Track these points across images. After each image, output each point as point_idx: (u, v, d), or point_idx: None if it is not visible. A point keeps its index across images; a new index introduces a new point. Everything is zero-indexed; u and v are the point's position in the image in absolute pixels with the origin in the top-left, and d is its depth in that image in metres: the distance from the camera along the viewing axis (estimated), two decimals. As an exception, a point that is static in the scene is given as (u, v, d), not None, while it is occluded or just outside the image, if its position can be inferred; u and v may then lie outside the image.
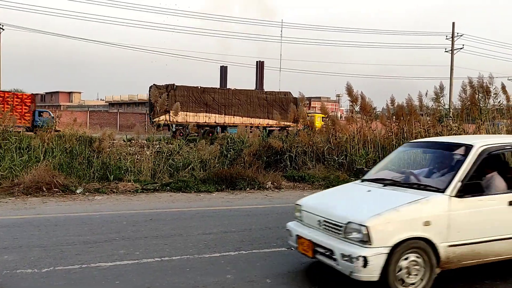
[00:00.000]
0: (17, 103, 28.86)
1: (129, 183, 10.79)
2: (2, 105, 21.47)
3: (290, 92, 34.65)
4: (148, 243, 6.05)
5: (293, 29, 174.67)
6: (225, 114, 32.87)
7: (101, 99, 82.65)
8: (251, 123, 30.53)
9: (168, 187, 10.84)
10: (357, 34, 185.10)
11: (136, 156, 13.71)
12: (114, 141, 15.73)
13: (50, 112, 32.37)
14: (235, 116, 33.05)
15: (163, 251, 5.68)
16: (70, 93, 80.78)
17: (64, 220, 7.49)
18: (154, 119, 27.50)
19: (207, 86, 33.40)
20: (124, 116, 46.89)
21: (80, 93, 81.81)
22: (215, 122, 32.68)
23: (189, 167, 12.38)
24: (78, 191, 10.01)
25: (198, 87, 32.29)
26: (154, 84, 30.90)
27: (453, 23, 41.90)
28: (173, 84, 31.62)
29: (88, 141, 12.56)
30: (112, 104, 68.87)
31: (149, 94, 32.06)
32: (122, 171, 11.63)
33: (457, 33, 42.09)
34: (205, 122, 32.27)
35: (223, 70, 68.35)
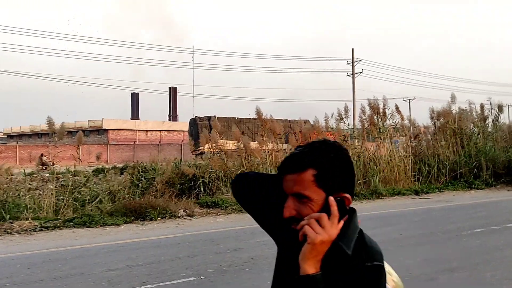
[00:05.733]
0: None
1: (27, 222, 9.90)
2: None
3: (309, 120, 36.77)
4: (44, 287, 5.53)
5: (205, 55, 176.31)
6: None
7: (-2, 132, 75.94)
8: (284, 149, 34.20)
9: (71, 223, 10.10)
10: (267, 60, 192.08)
11: (38, 191, 12.69)
12: (13, 176, 14.45)
13: None
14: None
15: (61, 294, 5.23)
16: (-39, 126, 73.44)
17: None
18: (199, 148, 31.44)
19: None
20: (25, 149, 43.43)
21: (-27, 125, 74.67)
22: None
23: (97, 200, 11.71)
24: (-35, 235, 8.96)
25: (235, 118, 34.85)
26: (196, 116, 33.91)
27: (352, 49, 45.06)
28: (214, 116, 34.16)
29: (-20, 178, 11.39)
30: (11, 137, 63.69)
31: (191, 126, 34.42)
32: (21, 209, 10.66)
33: (357, 58, 45.32)
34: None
35: (135, 97, 66.84)
